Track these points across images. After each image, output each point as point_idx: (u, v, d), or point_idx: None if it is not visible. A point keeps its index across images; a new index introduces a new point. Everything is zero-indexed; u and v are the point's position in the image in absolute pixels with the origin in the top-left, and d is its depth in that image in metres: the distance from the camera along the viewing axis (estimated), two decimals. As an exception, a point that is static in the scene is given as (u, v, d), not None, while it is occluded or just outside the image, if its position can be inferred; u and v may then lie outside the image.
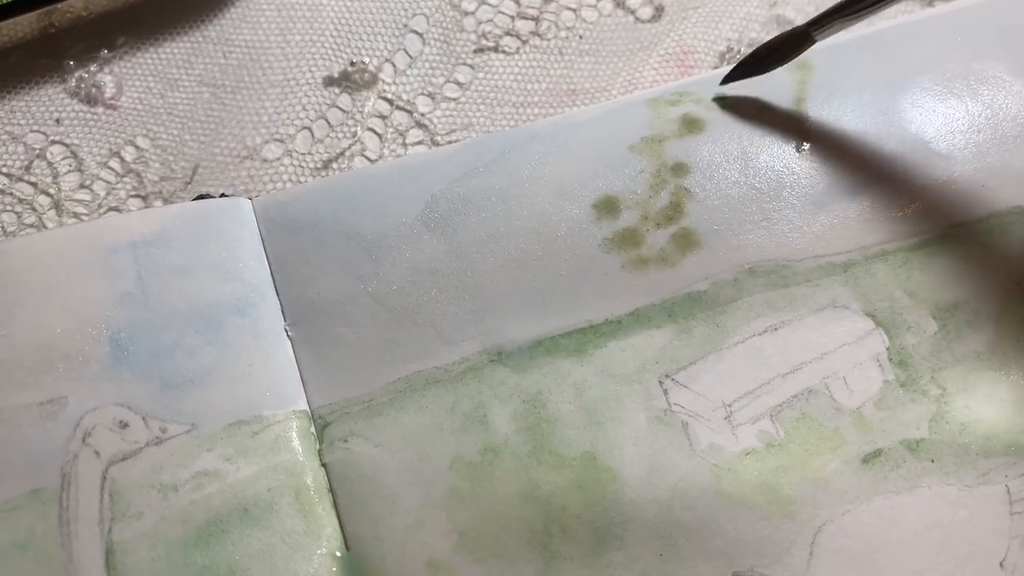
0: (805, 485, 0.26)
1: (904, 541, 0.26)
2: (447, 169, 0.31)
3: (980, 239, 0.29)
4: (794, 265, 0.29)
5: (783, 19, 0.35)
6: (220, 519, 0.26)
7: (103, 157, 0.33)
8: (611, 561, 0.26)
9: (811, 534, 0.26)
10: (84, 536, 0.26)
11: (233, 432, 0.27)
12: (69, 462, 0.26)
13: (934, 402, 0.27)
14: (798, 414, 0.27)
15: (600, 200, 0.30)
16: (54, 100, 0.33)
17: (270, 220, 0.30)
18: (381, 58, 0.35)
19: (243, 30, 0.35)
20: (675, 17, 0.35)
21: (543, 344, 0.28)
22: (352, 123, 0.34)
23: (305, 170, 0.33)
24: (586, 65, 0.35)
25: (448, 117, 0.34)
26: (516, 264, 0.29)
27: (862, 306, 0.28)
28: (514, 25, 0.35)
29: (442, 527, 0.26)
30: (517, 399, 0.27)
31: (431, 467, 0.27)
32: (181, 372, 0.28)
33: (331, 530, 0.26)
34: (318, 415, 0.28)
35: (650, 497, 0.26)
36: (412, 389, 0.28)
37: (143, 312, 0.28)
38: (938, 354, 0.28)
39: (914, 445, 0.27)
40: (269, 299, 0.29)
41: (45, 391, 0.27)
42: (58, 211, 0.32)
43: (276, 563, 0.26)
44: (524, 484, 0.26)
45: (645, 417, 0.27)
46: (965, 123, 0.31)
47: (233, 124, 0.33)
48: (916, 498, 0.26)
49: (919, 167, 0.30)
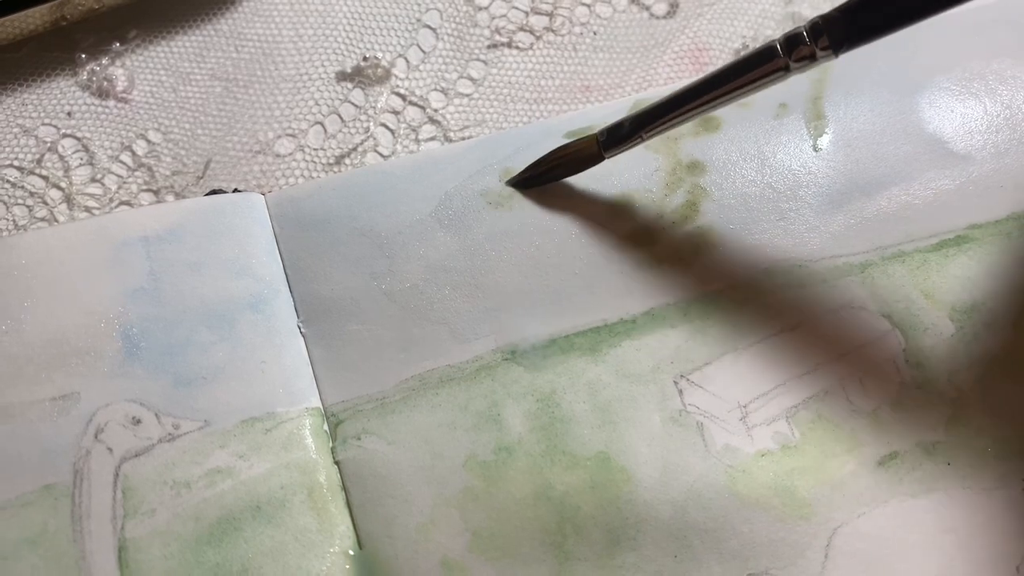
0: (820, 487, 0.26)
1: (920, 544, 0.26)
2: (461, 166, 0.30)
3: (998, 240, 0.29)
4: (811, 265, 0.29)
5: (799, 16, 0.35)
6: (233, 516, 0.26)
7: (115, 151, 0.33)
8: (625, 562, 0.26)
9: (826, 536, 0.26)
10: (96, 533, 0.25)
11: (246, 429, 0.27)
12: (81, 458, 0.26)
13: (951, 404, 0.27)
14: (814, 415, 0.27)
15: (615, 198, 0.30)
16: (66, 93, 0.33)
17: (283, 216, 0.30)
18: (394, 53, 0.34)
19: (256, 24, 0.34)
20: (690, 13, 0.35)
21: (557, 343, 0.28)
22: (365, 119, 0.33)
23: (317, 166, 0.33)
24: (600, 61, 0.34)
25: (461, 113, 0.34)
26: (530, 262, 0.29)
27: (879, 307, 0.28)
28: (528, 20, 0.35)
29: (455, 526, 0.26)
30: (531, 398, 0.27)
31: (444, 466, 0.27)
32: (194, 368, 0.27)
33: (344, 528, 0.26)
34: (331, 412, 0.28)
35: (664, 498, 0.26)
36: (425, 387, 0.28)
37: (155, 308, 0.28)
38: (955, 356, 0.28)
39: (930, 447, 0.27)
40: (282, 295, 0.29)
41: (57, 387, 0.27)
42: (69, 205, 0.32)
43: (288, 561, 0.25)
44: (538, 484, 0.26)
45: (660, 417, 0.27)
46: (984, 123, 0.31)
47: (245, 119, 0.33)
48: (932, 501, 0.26)
49: (937, 167, 0.30)
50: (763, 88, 0.25)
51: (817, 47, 0.24)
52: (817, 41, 0.24)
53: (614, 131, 0.28)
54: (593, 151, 0.29)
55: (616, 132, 0.28)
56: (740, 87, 0.25)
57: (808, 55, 0.24)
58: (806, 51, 0.24)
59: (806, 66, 0.24)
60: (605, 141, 0.28)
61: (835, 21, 0.24)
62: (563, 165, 0.29)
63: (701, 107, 0.26)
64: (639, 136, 0.27)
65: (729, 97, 0.26)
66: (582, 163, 0.29)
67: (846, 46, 0.24)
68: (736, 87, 0.25)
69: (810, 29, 0.24)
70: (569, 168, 0.29)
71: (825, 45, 0.24)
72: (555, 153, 0.29)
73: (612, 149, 0.28)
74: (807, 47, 0.24)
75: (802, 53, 0.24)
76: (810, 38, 0.24)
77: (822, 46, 0.24)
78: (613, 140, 0.28)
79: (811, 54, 0.24)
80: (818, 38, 0.24)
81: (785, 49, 0.24)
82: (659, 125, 0.27)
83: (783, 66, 0.25)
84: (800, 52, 0.24)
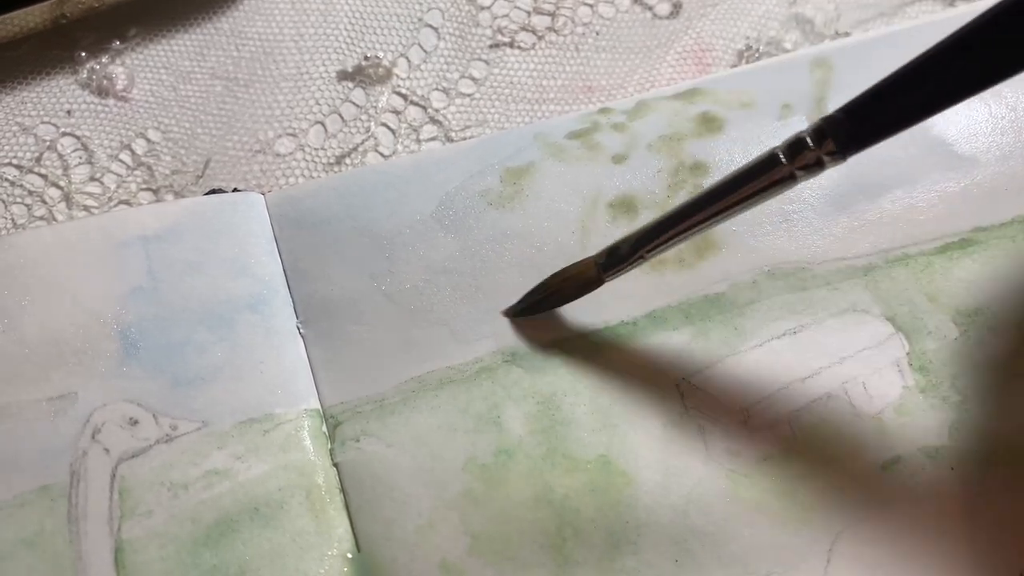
0: (823, 492, 0.26)
1: (922, 550, 0.25)
2: (462, 166, 0.30)
3: (1003, 243, 0.29)
4: (814, 268, 0.29)
5: (802, 18, 0.35)
6: (230, 518, 0.26)
7: (114, 150, 0.32)
8: (625, 566, 0.25)
9: (828, 541, 0.26)
10: (93, 534, 0.25)
11: (244, 430, 0.27)
12: (78, 459, 0.26)
13: (954, 409, 0.27)
14: (816, 419, 0.27)
15: (617, 199, 0.30)
16: (65, 92, 0.33)
17: (283, 216, 0.30)
18: (395, 53, 0.34)
19: (256, 23, 0.34)
20: (693, 14, 0.35)
21: (558, 345, 0.28)
22: (365, 118, 0.33)
23: (318, 165, 0.33)
24: (603, 62, 0.34)
25: (463, 113, 0.33)
26: (531, 263, 0.29)
27: (882, 310, 0.28)
28: (530, 20, 0.35)
29: (454, 529, 0.26)
30: (531, 400, 0.27)
31: (444, 468, 0.26)
32: (192, 369, 0.27)
33: (342, 531, 0.26)
34: (330, 414, 0.28)
35: (665, 502, 0.26)
36: (425, 389, 0.27)
37: (154, 307, 0.28)
38: (959, 360, 0.27)
39: (933, 452, 0.26)
40: (281, 296, 0.29)
41: (55, 386, 0.27)
42: (68, 204, 0.32)
43: (286, 563, 0.25)
44: (538, 487, 0.26)
45: (661, 421, 0.27)
46: (988, 125, 0.30)
47: (245, 118, 0.33)
48: (935, 506, 0.26)
49: (941, 169, 0.30)
50: (770, 198, 0.23)
51: (823, 152, 0.21)
52: (822, 145, 0.21)
53: (613, 252, 0.26)
54: (591, 275, 0.27)
55: (615, 253, 0.26)
56: (740, 201, 0.23)
57: (813, 162, 0.22)
58: (811, 157, 0.22)
59: (814, 172, 0.22)
60: (604, 264, 0.26)
61: (839, 123, 0.21)
62: (561, 291, 0.27)
63: (700, 224, 0.24)
64: (640, 256, 0.25)
65: (729, 212, 0.23)
66: (581, 288, 0.27)
67: (854, 148, 0.21)
68: (736, 201, 0.23)
69: (813, 133, 0.22)
70: (567, 295, 0.27)
71: (831, 150, 0.21)
72: (553, 279, 0.28)
73: (611, 271, 0.26)
74: (811, 152, 0.22)
75: (806, 160, 0.22)
76: (814, 142, 0.21)
77: (827, 150, 0.21)
78: (613, 262, 0.26)
79: (817, 160, 0.22)
80: (822, 142, 0.21)
81: (788, 156, 0.22)
82: (658, 244, 0.25)
83: (787, 175, 0.22)
84: (803, 159, 0.22)
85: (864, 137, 0.21)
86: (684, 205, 0.24)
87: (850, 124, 0.21)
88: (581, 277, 0.27)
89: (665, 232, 0.25)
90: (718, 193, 0.23)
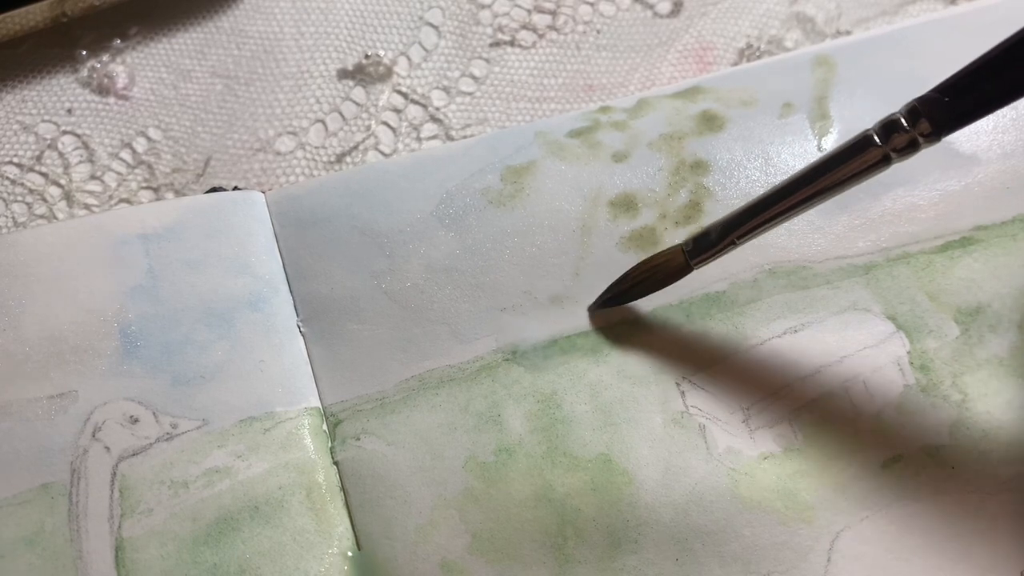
0: (823, 490, 0.26)
1: (923, 549, 0.25)
2: (462, 164, 0.30)
3: (1004, 242, 0.29)
4: (815, 266, 0.29)
5: (803, 16, 0.35)
6: (230, 516, 0.26)
7: (114, 148, 0.32)
8: (626, 565, 0.25)
9: (829, 540, 0.26)
10: (93, 532, 0.25)
11: (244, 429, 0.27)
12: (79, 457, 0.26)
13: (955, 408, 0.27)
14: (817, 418, 0.27)
15: (617, 198, 0.30)
16: (66, 90, 0.33)
17: (283, 214, 0.30)
18: (396, 51, 0.34)
19: (257, 21, 0.34)
20: (694, 12, 0.35)
21: (558, 343, 0.28)
22: (366, 116, 0.33)
23: (318, 164, 0.33)
24: (603, 60, 0.34)
25: (463, 111, 0.33)
26: (532, 261, 0.29)
27: (883, 309, 0.28)
28: (531, 19, 0.35)
29: (455, 528, 0.26)
30: (532, 399, 0.27)
31: (444, 467, 0.26)
32: (192, 367, 0.27)
33: (342, 529, 0.26)
34: (330, 412, 0.28)
35: (666, 501, 0.26)
36: (425, 387, 0.27)
37: (154, 306, 0.28)
38: (960, 359, 0.27)
39: (934, 451, 0.26)
40: (281, 294, 0.29)
41: (55, 385, 0.27)
42: (69, 202, 0.32)
43: (286, 562, 0.25)
44: (538, 485, 0.26)
45: (662, 419, 0.27)
46: (989, 123, 0.30)
47: (246, 116, 0.33)
48: (936, 505, 0.26)
49: (942, 168, 0.30)
50: (862, 181, 0.23)
51: (917, 132, 0.22)
52: (916, 126, 0.22)
53: (701, 239, 0.26)
54: (680, 262, 0.26)
55: (704, 239, 0.26)
56: (833, 185, 0.23)
57: (907, 143, 0.22)
58: (905, 138, 0.22)
59: (908, 154, 0.22)
60: (692, 250, 0.26)
61: (934, 102, 0.21)
62: (648, 280, 0.27)
63: (791, 208, 0.24)
64: (731, 242, 0.25)
65: (820, 197, 0.23)
66: (669, 276, 0.27)
67: (949, 128, 0.21)
68: (828, 185, 0.23)
69: (907, 114, 0.22)
70: (655, 283, 0.27)
71: (926, 130, 0.21)
72: (638, 268, 0.27)
73: (700, 257, 0.26)
74: (906, 133, 0.22)
75: (901, 141, 0.22)
76: (908, 123, 0.22)
77: (922, 132, 0.21)
78: (701, 248, 0.26)
79: (911, 142, 0.22)
80: (917, 122, 0.21)
81: (882, 137, 0.22)
82: (749, 229, 0.25)
83: (882, 157, 0.22)
84: (898, 140, 0.22)
85: (960, 116, 0.21)
86: (775, 189, 0.24)
87: (946, 103, 0.21)
88: (669, 265, 0.26)
89: (756, 216, 0.25)
90: (809, 176, 0.23)
